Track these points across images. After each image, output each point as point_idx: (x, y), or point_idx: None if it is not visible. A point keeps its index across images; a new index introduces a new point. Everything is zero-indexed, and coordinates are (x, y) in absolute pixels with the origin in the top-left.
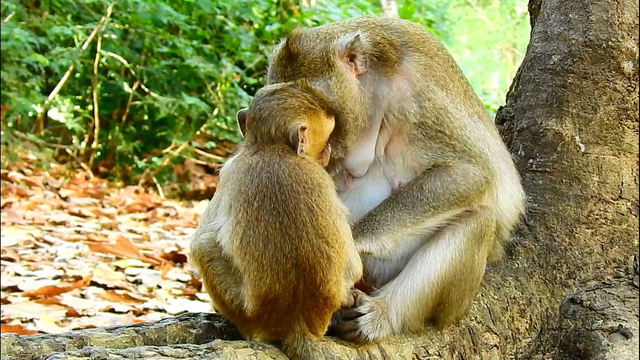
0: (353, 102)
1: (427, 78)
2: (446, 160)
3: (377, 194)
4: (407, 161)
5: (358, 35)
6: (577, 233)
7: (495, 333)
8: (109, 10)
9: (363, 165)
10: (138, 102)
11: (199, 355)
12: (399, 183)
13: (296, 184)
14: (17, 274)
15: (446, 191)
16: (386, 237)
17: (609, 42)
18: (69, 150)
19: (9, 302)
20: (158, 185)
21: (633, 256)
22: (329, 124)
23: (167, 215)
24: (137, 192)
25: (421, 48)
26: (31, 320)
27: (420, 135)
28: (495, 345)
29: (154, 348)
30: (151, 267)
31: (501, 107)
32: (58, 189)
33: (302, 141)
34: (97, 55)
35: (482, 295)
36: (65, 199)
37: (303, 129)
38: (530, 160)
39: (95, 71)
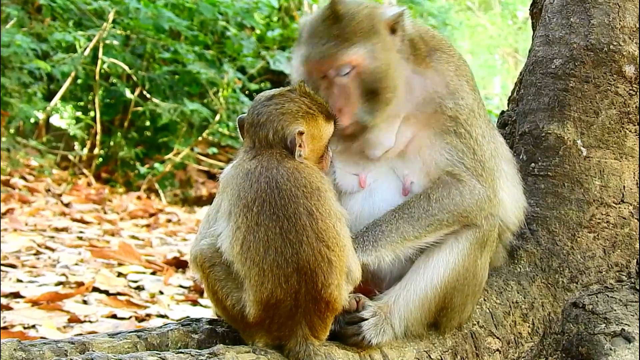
0: (394, 71)
1: (460, 78)
2: (460, 172)
3: (389, 194)
4: (426, 157)
5: (405, 10)
6: (579, 237)
7: (497, 337)
8: (111, 16)
9: (383, 144)
10: (140, 108)
11: None
12: (410, 182)
13: (295, 188)
14: (19, 280)
15: (451, 203)
16: (386, 250)
17: (611, 46)
18: (71, 157)
19: (11, 309)
20: (160, 191)
21: (635, 260)
22: (328, 129)
23: (169, 221)
24: (139, 198)
25: (448, 51)
26: (33, 326)
27: (451, 129)
28: (498, 350)
29: (156, 353)
30: (153, 273)
31: (503, 112)
32: (60, 195)
33: (299, 145)
34: (99, 62)
35: (485, 300)
36: (67, 205)
37: (301, 133)
38: (532, 164)
39: (97, 77)
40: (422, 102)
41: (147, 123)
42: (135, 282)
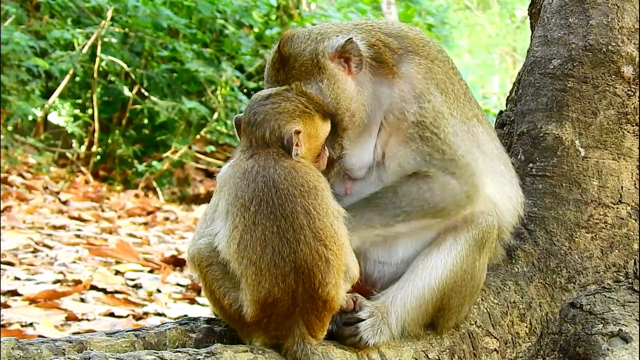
0: (348, 101)
1: (428, 81)
2: (429, 169)
3: None
4: (396, 164)
5: (351, 38)
6: (577, 237)
7: (495, 337)
8: (109, 14)
9: (361, 166)
10: (138, 106)
11: (198, 359)
12: None
13: (292, 188)
14: (17, 278)
15: (420, 198)
16: (351, 235)
17: (609, 47)
18: (68, 154)
19: (8, 306)
20: (158, 189)
21: (633, 260)
22: (325, 128)
23: (167, 219)
24: (137, 196)
25: (421, 52)
26: (31, 324)
27: (416, 135)
28: (495, 350)
29: (154, 352)
30: (151, 271)
31: (501, 111)
32: (58, 192)
33: (296, 145)
34: (97, 59)
35: (482, 300)
36: (65, 202)
37: (297, 132)
38: (530, 165)
39: (95, 75)
40: (388, 110)
41: (145, 121)
42: (133, 280)
